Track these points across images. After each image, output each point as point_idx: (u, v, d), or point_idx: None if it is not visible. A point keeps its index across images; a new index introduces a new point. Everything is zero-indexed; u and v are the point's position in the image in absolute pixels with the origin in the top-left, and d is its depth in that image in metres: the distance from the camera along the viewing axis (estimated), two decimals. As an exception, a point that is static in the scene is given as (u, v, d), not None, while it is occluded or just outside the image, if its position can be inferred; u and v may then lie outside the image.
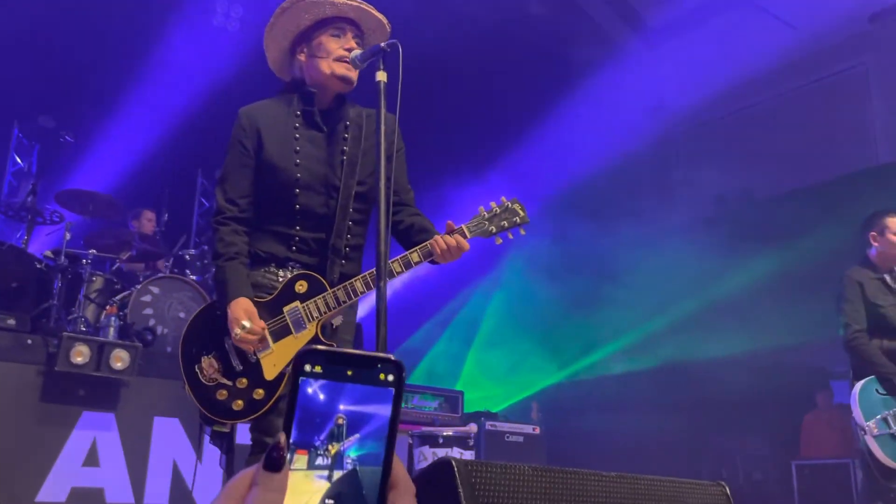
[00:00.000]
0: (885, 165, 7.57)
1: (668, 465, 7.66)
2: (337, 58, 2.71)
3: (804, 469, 6.88)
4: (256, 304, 2.59)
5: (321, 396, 0.68)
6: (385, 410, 0.69)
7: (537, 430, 6.29)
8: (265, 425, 2.57)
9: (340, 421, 0.68)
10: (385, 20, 2.81)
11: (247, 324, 2.52)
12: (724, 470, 7.87)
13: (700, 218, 8.51)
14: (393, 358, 0.70)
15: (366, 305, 5.13)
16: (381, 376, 0.70)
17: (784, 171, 8.00)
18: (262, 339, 2.58)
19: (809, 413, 7.54)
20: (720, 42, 8.97)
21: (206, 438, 2.69)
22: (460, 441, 4.84)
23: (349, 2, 2.73)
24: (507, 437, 6.09)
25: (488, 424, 5.98)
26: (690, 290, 7.69)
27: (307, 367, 0.68)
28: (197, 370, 2.59)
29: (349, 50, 2.72)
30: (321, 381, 0.68)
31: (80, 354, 4.57)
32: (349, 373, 0.69)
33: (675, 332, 7.86)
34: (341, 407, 0.68)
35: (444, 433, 4.87)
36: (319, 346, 0.70)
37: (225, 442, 2.69)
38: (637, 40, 9.85)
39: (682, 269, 7.74)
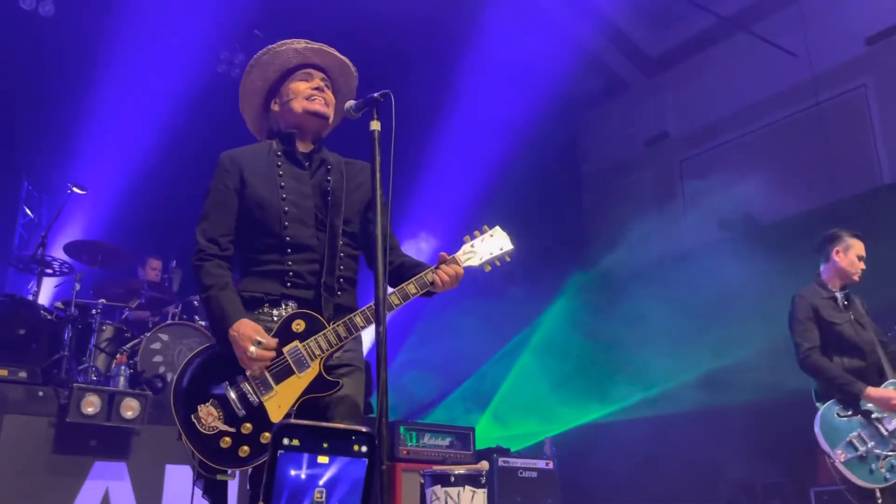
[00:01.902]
0: (889, 186, 7.56)
1: (686, 495, 7.59)
2: (307, 96, 2.81)
3: (823, 496, 6.78)
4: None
5: (301, 470, 0.71)
6: (360, 480, 0.72)
7: (551, 465, 6.25)
8: None
9: (318, 495, 0.71)
10: (348, 62, 2.93)
11: (261, 339, 2.52)
12: (743, 499, 7.77)
13: (705, 245, 8.50)
14: (365, 430, 0.73)
15: (368, 341, 5.11)
16: (356, 447, 0.73)
17: (788, 195, 8.00)
18: (265, 381, 2.57)
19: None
20: (719, 70, 9.06)
21: (198, 491, 2.63)
22: (472, 479, 4.81)
23: (310, 45, 2.84)
24: (521, 473, 6.06)
25: (501, 461, 5.95)
26: (700, 319, 7.65)
27: (285, 441, 0.72)
28: (194, 420, 2.52)
29: (318, 89, 2.83)
30: (300, 454, 0.71)
31: (91, 405, 4.61)
32: (325, 445, 0.72)
33: (691, 366, 7.79)
34: (320, 482, 0.71)
35: (456, 471, 4.84)
36: (297, 421, 0.73)
37: (219, 496, 2.65)
38: (636, 70, 9.95)
39: (689, 297, 7.71)
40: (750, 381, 7.26)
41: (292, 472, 0.72)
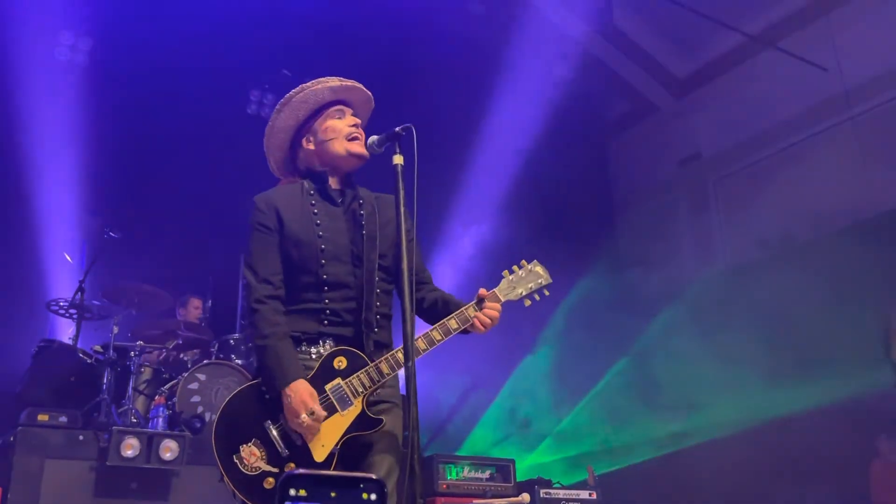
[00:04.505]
0: (929, 198, 7.40)
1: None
2: (347, 136, 2.84)
3: (877, 517, 6.57)
4: None
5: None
6: None
7: (594, 496, 6.12)
8: None
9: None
10: (370, 95, 2.99)
11: (315, 409, 2.50)
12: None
13: (743, 265, 8.36)
14: (374, 477, 0.71)
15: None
16: (364, 496, 0.70)
17: (826, 211, 7.85)
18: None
19: (876, 460, 7.23)
20: (749, 87, 8.97)
21: None
22: (513, 512, 4.74)
23: (344, 83, 2.88)
24: (563, 505, 5.93)
25: (542, 492, 5.84)
26: (740, 339, 7.51)
27: (291, 492, 0.69)
28: (236, 460, 2.51)
29: (355, 126, 2.86)
30: (307, 505, 0.69)
31: (131, 447, 4.64)
32: (332, 494, 0.69)
33: (734, 389, 7.64)
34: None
35: (497, 505, 4.78)
36: (302, 471, 0.70)
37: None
38: (664, 92, 9.90)
39: (727, 318, 7.58)
40: (795, 401, 7.10)
41: (301, 526, 0.69)
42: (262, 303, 2.67)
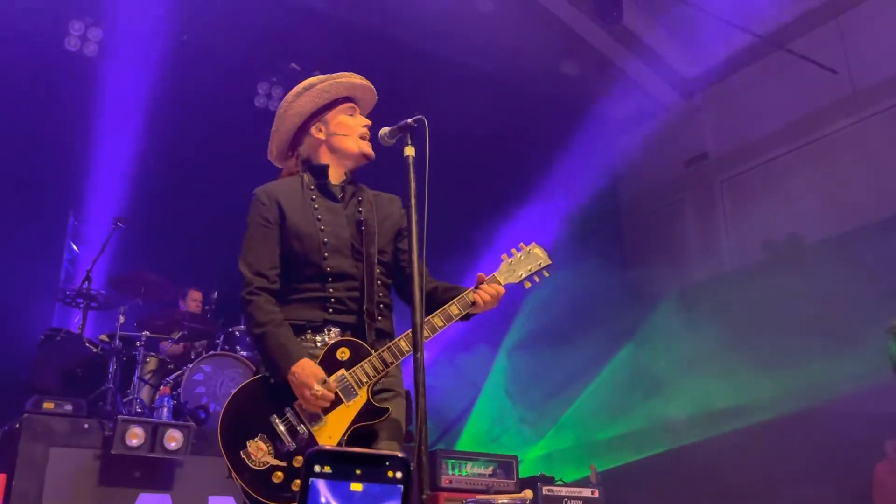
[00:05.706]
0: (938, 201, 7.38)
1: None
2: (361, 135, 2.89)
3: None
4: None
5: (333, 498, 0.69)
6: None
7: (596, 494, 6.13)
8: None
9: (352, 523, 0.69)
10: (377, 98, 3.06)
11: (323, 382, 2.50)
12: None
13: (749, 265, 8.33)
14: (400, 455, 0.71)
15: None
16: (390, 473, 0.70)
17: (833, 213, 7.84)
18: (314, 413, 2.54)
19: (880, 462, 7.22)
20: (757, 88, 8.95)
21: None
22: (516, 508, 4.75)
23: (364, 82, 2.94)
24: (566, 502, 5.94)
25: (545, 489, 5.84)
26: (743, 341, 7.50)
27: (316, 468, 0.69)
28: (243, 456, 2.49)
29: (366, 127, 2.92)
30: (332, 482, 0.69)
31: (135, 436, 4.64)
32: (358, 471, 0.70)
33: (737, 389, 7.64)
34: (353, 508, 0.69)
35: (500, 500, 4.79)
36: (327, 447, 0.71)
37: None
38: (673, 91, 9.88)
39: (732, 319, 7.57)
40: (800, 400, 7.09)
41: (323, 501, 0.69)
42: (255, 294, 2.65)
